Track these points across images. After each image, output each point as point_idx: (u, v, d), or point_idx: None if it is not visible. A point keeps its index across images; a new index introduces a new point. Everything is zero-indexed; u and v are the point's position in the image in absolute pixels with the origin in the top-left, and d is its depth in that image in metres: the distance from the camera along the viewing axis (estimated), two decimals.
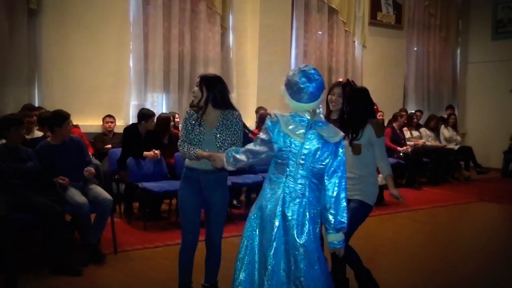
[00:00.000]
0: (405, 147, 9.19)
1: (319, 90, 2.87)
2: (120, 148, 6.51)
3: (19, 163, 4.62)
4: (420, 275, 4.70)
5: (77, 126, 6.80)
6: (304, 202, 2.89)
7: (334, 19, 10.27)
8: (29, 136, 5.80)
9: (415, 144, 9.66)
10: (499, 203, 8.36)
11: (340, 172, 2.90)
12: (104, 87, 7.78)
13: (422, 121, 11.05)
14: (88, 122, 7.49)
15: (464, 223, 7.19)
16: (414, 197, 8.16)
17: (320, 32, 10.12)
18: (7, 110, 6.47)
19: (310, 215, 2.89)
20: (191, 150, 3.50)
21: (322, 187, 2.91)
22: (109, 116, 7.59)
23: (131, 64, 8.07)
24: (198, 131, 3.57)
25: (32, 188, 4.66)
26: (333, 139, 2.88)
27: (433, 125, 10.71)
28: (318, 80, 2.85)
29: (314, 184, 2.91)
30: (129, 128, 6.60)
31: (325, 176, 2.90)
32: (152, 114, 6.60)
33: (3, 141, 4.75)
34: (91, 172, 4.98)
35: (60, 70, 7.41)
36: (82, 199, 4.74)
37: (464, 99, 12.93)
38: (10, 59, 6.98)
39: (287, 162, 2.90)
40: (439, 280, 4.60)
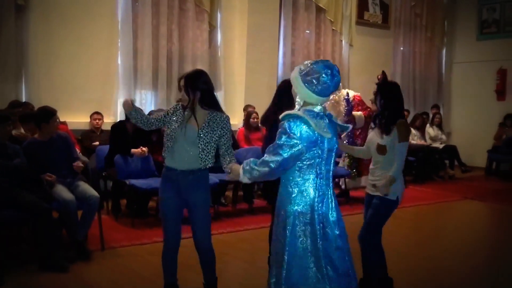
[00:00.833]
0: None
1: (335, 87, 2.82)
2: (108, 145, 6.49)
3: (6, 160, 4.58)
4: (404, 271, 4.72)
5: (64, 123, 6.77)
6: (331, 194, 2.90)
7: (321, 18, 10.30)
8: (16, 133, 5.76)
9: None
10: (483, 201, 8.46)
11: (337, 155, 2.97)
12: (92, 84, 7.74)
13: (408, 120, 11.11)
14: (76, 119, 7.45)
15: (448, 221, 7.26)
16: None
17: (307, 31, 10.14)
18: None
19: (337, 205, 2.91)
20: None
21: None
22: (97, 113, 7.57)
23: (119, 61, 8.04)
24: (173, 127, 3.50)
25: (19, 185, 4.62)
26: (344, 125, 3.00)
27: (418, 124, 10.78)
28: (337, 77, 2.80)
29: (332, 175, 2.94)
30: (117, 126, 6.58)
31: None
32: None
33: None
34: (79, 166, 4.96)
35: (47, 66, 7.37)
36: (69, 196, 4.74)
37: (449, 98, 13.05)
38: None
39: (315, 161, 2.81)
40: (423, 276, 4.66)
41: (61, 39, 7.44)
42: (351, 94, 7.05)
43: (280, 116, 2.83)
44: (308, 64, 2.81)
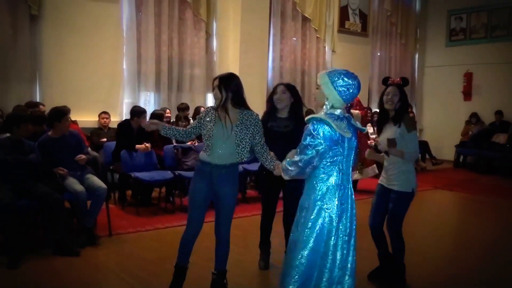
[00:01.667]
0: (369, 141, 9.26)
1: (354, 97, 2.91)
2: (115, 142, 6.47)
3: (22, 155, 4.57)
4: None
5: (75, 122, 6.76)
6: (350, 189, 2.90)
7: (307, 26, 10.30)
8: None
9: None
10: (451, 190, 8.51)
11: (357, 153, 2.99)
12: (100, 86, 7.71)
13: None
14: (85, 117, 7.42)
15: (420, 209, 7.29)
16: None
17: (294, 38, 10.14)
18: (11, 107, 6.39)
19: (353, 197, 2.91)
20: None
21: None
22: (104, 112, 7.54)
23: (124, 66, 8.03)
24: (209, 127, 3.40)
25: (34, 178, 4.61)
26: (362, 128, 2.99)
27: None
28: (360, 88, 2.91)
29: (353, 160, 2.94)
30: (122, 124, 6.55)
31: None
32: (144, 111, 6.56)
33: (8, 134, 4.71)
34: (82, 159, 4.94)
35: (59, 70, 7.34)
36: (79, 187, 4.72)
37: (421, 99, 13.10)
38: (13, 60, 6.92)
39: (337, 158, 2.82)
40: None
41: (71, 46, 7.41)
42: None
43: (306, 119, 2.89)
44: (341, 76, 2.85)
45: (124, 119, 7.06)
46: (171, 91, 8.41)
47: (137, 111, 6.44)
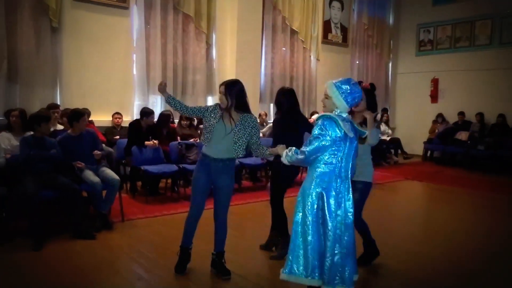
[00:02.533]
0: None
1: (357, 101, 2.92)
2: (126, 139, 6.44)
3: (45, 151, 4.54)
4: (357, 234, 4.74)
5: (91, 122, 6.72)
6: (348, 182, 2.91)
7: (294, 38, 10.28)
8: (52, 128, 5.71)
9: None
10: (420, 181, 8.54)
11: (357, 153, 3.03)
12: (113, 90, 7.68)
13: None
14: (100, 118, 7.38)
15: (394, 197, 7.34)
16: None
17: (284, 48, 10.12)
18: (35, 108, 6.33)
19: (350, 189, 2.92)
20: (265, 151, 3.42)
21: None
22: (117, 113, 7.51)
23: (134, 72, 7.98)
24: (211, 123, 3.40)
25: (55, 171, 4.59)
26: (362, 130, 3.02)
27: None
28: (361, 92, 2.93)
29: (352, 166, 2.95)
30: (133, 123, 6.53)
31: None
32: (152, 112, 6.55)
33: (31, 133, 4.67)
34: (98, 154, 4.92)
35: (77, 76, 7.30)
36: (95, 179, 4.69)
37: (394, 101, 13.12)
38: (37, 67, 6.86)
39: (338, 153, 2.85)
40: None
41: (88, 54, 7.37)
42: None
43: (316, 116, 2.98)
44: (346, 84, 2.87)
45: (134, 119, 7.02)
46: (176, 94, 8.37)
47: (146, 112, 6.44)
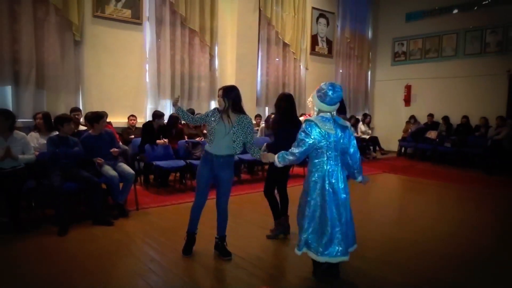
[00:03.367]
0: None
1: (338, 98, 2.94)
2: (140, 138, 6.42)
3: (69, 148, 4.52)
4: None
5: (109, 123, 6.70)
6: (340, 171, 2.99)
7: (286, 50, 10.26)
8: (75, 129, 5.69)
9: None
10: (395, 174, 8.56)
11: (356, 146, 3.09)
12: (128, 95, 7.65)
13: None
14: (117, 119, 7.36)
15: (372, 188, 7.34)
16: None
17: (277, 59, 10.10)
18: (60, 111, 6.31)
19: (344, 178, 3.01)
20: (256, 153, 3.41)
21: (346, 157, 3.04)
22: (132, 115, 7.48)
23: (147, 80, 7.95)
24: (212, 125, 3.40)
25: (78, 166, 4.57)
26: (348, 126, 3.06)
27: (353, 122, 10.85)
28: (338, 92, 2.92)
29: (342, 158, 3.03)
30: (146, 124, 6.50)
31: (350, 150, 3.04)
32: (162, 114, 6.53)
33: (57, 132, 4.65)
34: (115, 151, 4.90)
35: (97, 83, 7.26)
36: (113, 173, 4.68)
37: (373, 105, 13.14)
38: (61, 76, 6.83)
39: (324, 149, 2.93)
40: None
41: (106, 64, 7.34)
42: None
43: (303, 121, 3.08)
44: (321, 85, 2.96)
45: (147, 121, 7.01)
46: (183, 99, 8.36)
47: (157, 114, 6.43)
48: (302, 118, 7.00)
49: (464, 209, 5.75)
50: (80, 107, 6.89)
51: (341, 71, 12.00)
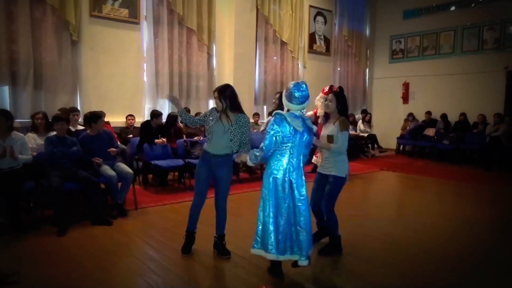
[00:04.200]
0: None
1: (303, 98, 2.97)
2: (138, 137, 6.41)
3: (67, 148, 4.51)
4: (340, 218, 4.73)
5: (108, 123, 6.69)
6: (300, 169, 3.01)
7: (284, 48, 10.25)
8: (74, 129, 5.69)
9: None
10: (394, 171, 8.57)
11: (310, 145, 3.12)
12: (126, 94, 7.63)
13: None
14: (116, 119, 7.34)
15: (371, 185, 7.36)
16: None
17: (275, 58, 10.09)
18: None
19: (303, 177, 3.03)
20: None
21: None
22: (130, 115, 7.46)
23: (145, 79, 7.94)
24: (210, 124, 3.41)
25: (76, 165, 4.57)
26: (312, 128, 3.07)
27: (351, 120, 10.84)
28: (304, 92, 2.96)
29: (303, 156, 3.06)
30: (144, 123, 6.50)
31: (306, 152, 3.10)
32: (160, 113, 6.52)
33: (54, 133, 4.65)
34: (113, 151, 4.89)
35: (94, 83, 7.24)
36: (111, 172, 4.68)
37: (371, 102, 13.14)
38: (59, 75, 6.81)
39: (290, 145, 2.96)
40: (354, 223, 4.68)
41: (103, 64, 7.32)
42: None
43: (273, 113, 3.07)
44: (288, 85, 3.02)
45: (145, 120, 7.00)
46: (181, 99, 8.34)
47: (155, 114, 6.42)
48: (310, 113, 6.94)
49: (464, 205, 5.77)
50: (78, 107, 6.87)
51: (339, 69, 11.99)
